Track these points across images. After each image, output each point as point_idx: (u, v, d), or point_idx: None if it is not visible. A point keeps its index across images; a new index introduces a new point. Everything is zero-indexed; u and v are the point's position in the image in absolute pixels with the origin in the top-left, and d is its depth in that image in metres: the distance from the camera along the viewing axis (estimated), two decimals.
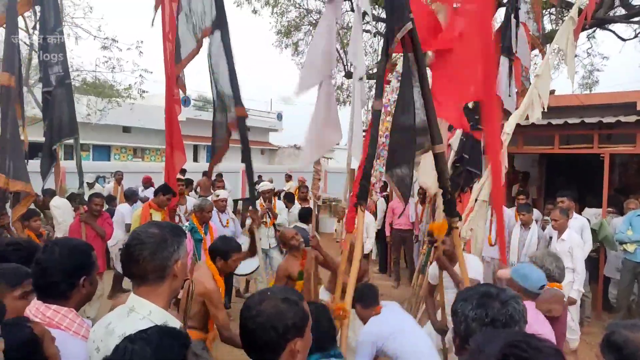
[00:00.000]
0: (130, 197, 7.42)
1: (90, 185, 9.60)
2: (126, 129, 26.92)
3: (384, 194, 9.13)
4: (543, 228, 6.30)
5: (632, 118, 6.64)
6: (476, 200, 6.12)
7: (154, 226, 1.64)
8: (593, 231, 6.01)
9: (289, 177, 13.84)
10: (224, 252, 3.36)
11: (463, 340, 1.38)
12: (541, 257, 3.10)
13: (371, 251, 9.16)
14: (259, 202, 6.56)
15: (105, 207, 6.67)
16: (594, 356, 3.39)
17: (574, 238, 5.09)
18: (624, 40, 12.88)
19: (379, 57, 3.64)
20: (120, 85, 15.88)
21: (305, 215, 6.30)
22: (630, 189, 8.42)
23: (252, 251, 4.04)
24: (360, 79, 3.99)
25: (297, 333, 1.33)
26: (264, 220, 6.45)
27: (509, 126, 6.45)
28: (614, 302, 6.23)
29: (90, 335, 1.64)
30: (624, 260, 5.83)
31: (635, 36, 12.82)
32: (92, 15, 32.95)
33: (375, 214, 8.82)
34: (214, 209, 5.85)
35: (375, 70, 14.06)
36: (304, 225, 6.14)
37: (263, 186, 6.82)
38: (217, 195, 6.32)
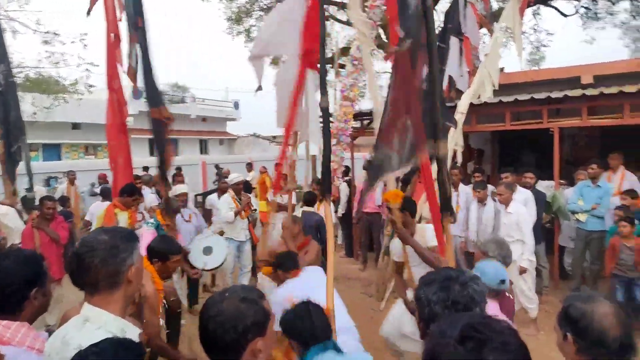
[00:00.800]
0: (107, 195, 7.12)
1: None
2: (75, 126, 25.80)
3: (346, 178, 9.19)
4: None
5: (578, 92, 6.91)
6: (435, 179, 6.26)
7: (103, 232, 1.60)
8: (547, 203, 6.27)
9: (250, 167, 13.69)
10: (163, 253, 3.21)
11: (427, 324, 1.40)
12: (484, 244, 3.20)
13: (337, 236, 9.24)
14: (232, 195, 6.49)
15: (59, 208, 6.39)
16: (553, 325, 3.54)
17: (520, 210, 5.31)
18: (565, 16, 13.38)
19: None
20: (66, 80, 15.17)
21: (310, 200, 6.26)
22: (580, 160, 8.83)
23: None
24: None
25: (257, 332, 1.33)
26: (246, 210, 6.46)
27: (463, 106, 6.60)
28: (569, 269, 6.55)
29: (45, 348, 1.58)
30: (577, 230, 6.12)
31: (576, 12, 13.34)
32: (30, 7, 31.06)
33: (338, 200, 8.88)
34: None
35: (331, 54, 14.00)
36: (311, 209, 6.15)
37: (234, 179, 6.71)
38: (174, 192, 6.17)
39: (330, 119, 9.14)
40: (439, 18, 10.75)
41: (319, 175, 9.14)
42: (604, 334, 1.36)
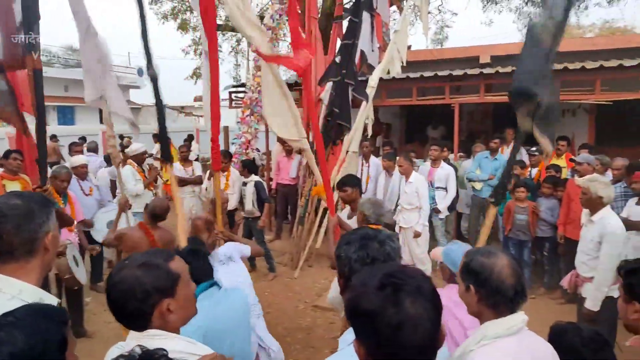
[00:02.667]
0: None
1: None
2: None
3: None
4: None
5: (476, 71, 7.45)
6: (347, 152, 6.47)
7: (15, 197, 1.46)
8: None
9: (156, 138, 12.99)
10: None
11: (347, 281, 1.49)
12: (361, 204, 3.41)
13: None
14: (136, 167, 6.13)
15: None
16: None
17: (419, 179, 5.71)
18: None
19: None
20: None
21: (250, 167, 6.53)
22: (475, 134, 9.58)
23: None
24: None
25: (162, 295, 1.35)
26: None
27: (373, 80, 6.81)
28: (465, 234, 7.17)
29: None
30: (473, 197, 6.71)
31: None
32: None
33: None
34: (74, 176, 5.29)
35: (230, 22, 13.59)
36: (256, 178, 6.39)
37: (136, 149, 6.30)
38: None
39: (244, 89, 9.00)
40: None
41: (231, 147, 8.98)
42: (502, 283, 1.52)
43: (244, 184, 6.35)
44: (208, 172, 6.38)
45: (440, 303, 1.00)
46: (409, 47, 10.21)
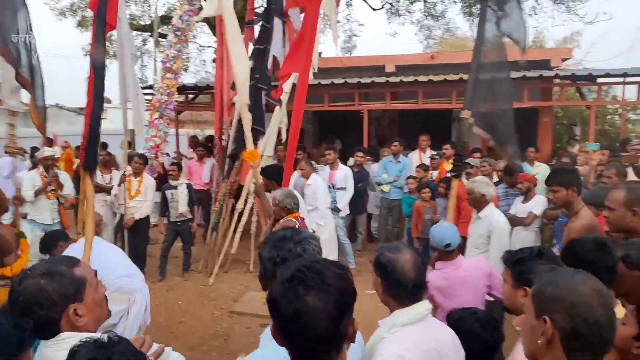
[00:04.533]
0: None
1: None
2: None
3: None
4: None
5: (383, 79, 7.87)
6: (262, 156, 6.49)
7: None
8: None
9: (50, 142, 11.99)
10: None
11: (263, 279, 1.57)
12: (277, 198, 3.79)
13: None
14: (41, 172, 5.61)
15: None
16: (362, 280, 4.11)
17: (317, 182, 5.98)
18: (374, 9, 14.90)
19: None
20: None
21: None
22: (383, 139, 10.08)
23: None
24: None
25: (69, 301, 1.37)
26: (51, 189, 5.58)
27: (287, 86, 6.92)
28: (375, 233, 7.52)
29: None
30: (381, 199, 7.07)
31: (382, 7, 14.95)
32: None
33: (161, 176, 8.47)
34: None
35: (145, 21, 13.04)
36: None
37: (43, 152, 5.74)
38: None
39: (152, 91, 8.65)
40: None
41: (140, 151, 8.57)
42: (403, 276, 1.69)
43: (174, 187, 6.14)
44: (119, 177, 6.04)
45: (347, 300, 1.07)
46: (320, 54, 10.49)
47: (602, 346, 1.16)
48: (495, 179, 6.03)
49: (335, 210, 6.36)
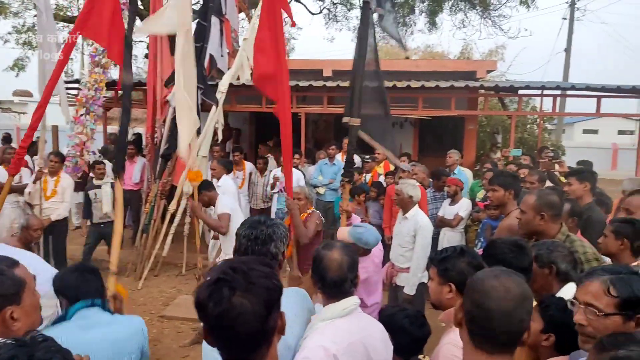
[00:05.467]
0: None
1: None
2: None
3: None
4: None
5: (320, 83, 7.97)
6: (197, 156, 6.34)
7: None
8: None
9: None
10: None
11: (236, 253, 1.88)
12: (304, 189, 4.16)
13: None
14: None
15: None
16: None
17: (228, 183, 6.01)
18: (312, 14, 15.07)
19: None
20: None
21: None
22: (320, 142, 10.20)
23: None
24: None
25: (6, 302, 1.35)
26: None
27: (223, 86, 6.82)
28: None
29: None
30: (317, 201, 7.14)
31: (321, 12, 15.17)
32: None
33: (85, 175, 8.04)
34: None
35: (73, 13, 12.32)
36: None
37: None
38: None
39: (78, 85, 8.18)
40: None
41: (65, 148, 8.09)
42: (325, 272, 1.79)
43: (97, 186, 5.82)
44: (34, 175, 5.64)
45: (273, 298, 1.10)
46: None
47: (494, 334, 1.27)
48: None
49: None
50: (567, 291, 1.98)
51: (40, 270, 2.53)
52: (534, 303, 1.95)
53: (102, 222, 5.80)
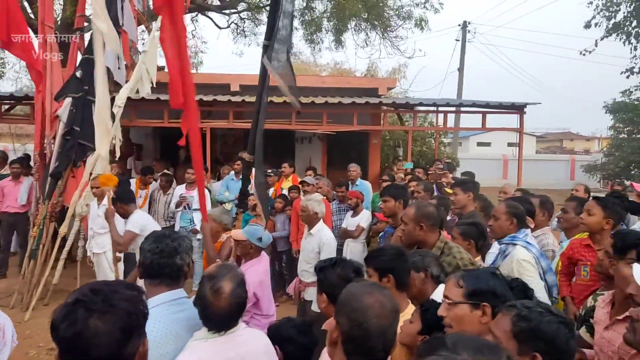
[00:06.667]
0: None
1: None
2: None
3: None
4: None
5: (225, 98, 7.93)
6: (91, 174, 5.97)
7: None
8: None
9: None
10: None
11: (141, 268, 1.90)
12: (217, 213, 3.85)
13: None
14: None
15: None
16: None
17: None
18: (220, 28, 14.95)
19: None
20: None
21: None
22: (229, 157, 10.09)
23: None
24: None
25: None
26: None
27: (120, 99, 6.51)
28: None
29: None
30: None
31: (229, 26, 15.09)
32: None
33: None
34: None
35: None
36: None
37: None
38: None
39: None
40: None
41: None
42: (208, 307, 1.73)
43: None
44: None
45: (134, 322, 1.09)
46: (162, 69, 10.11)
47: (371, 351, 1.32)
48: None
49: (193, 232, 6.28)
50: (438, 293, 2.17)
51: None
52: (412, 308, 2.12)
53: None
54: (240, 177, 7.04)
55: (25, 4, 9.49)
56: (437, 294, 2.20)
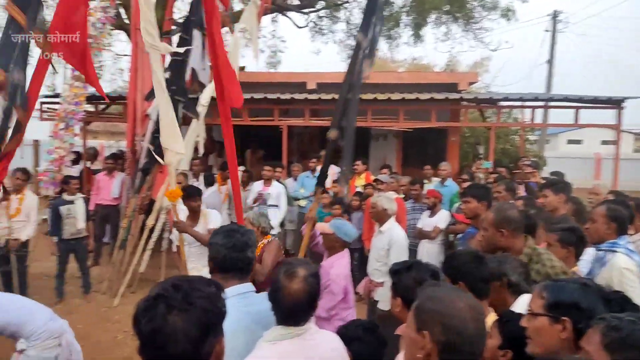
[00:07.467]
0: None
1: None
2: None
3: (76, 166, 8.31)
4: None
5: (302, 96, 7.99)
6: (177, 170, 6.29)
7: None
8: None
9: None
10: None
11: (213, 262, 1.93)
12: (256, 217, 3.73)
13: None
14: None
15: None
16: None
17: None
18: (299, 27, 15.17)
19: None
20: None
21: None
22: (306, 155, 10.19)
23: None
24: None
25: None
26: None
27: (204, 99, 6.82)
28: (290, 248, 7.53)
29: None
30: (298, 213, 7.12)
31: (307, 25, 15.27)
32: None
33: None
34: None
35: None
36: None
37: None
38: None
39: (58, 100, 8.12)
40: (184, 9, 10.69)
41: (42, 164, 8.01)
42: (280, 302, 1.69)
43: (70, 202, 5.65)
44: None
45: (211, 321, 1.07)
46: (243, 69, 10.45)
47: (473, 358, 1.23)
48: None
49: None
50: (521, 303, 1.98)
51: (34, 309, 2.22)
52: (494, 318, 1.95)
53: (73, 239, 5.64)
54: (316, 174, 7.12)
55: (121, 10, 10.22)
56: (519, 305, 2.02)
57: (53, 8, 8.93)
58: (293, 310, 1.67)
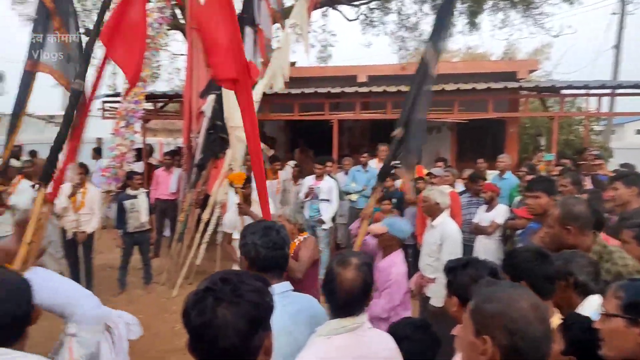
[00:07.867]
0: None
1: None
2: None
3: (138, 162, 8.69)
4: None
5: (353, 89, 7.91)
6: (230, 165, 6.43)
7: None
8: None
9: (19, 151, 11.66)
10: None
11: (251, 262, 1.85)
12: (292, 214, 3.64)
13: None
14: None
15: None
16: None
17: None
18: (349, 20, 15.03)
19: None
20: None
21: None
22: (357, 149, 10.11)
23: None
24: None
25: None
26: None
27: (257, 94, 6.90)
28: (340, 242, 7.50)
29: None
30: (350, 208, 7.07)
31: (357, 18, 15.10)
32: None
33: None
34: None
35: None
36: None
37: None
38: None
39: (118, 98, 8.52)
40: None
41: (105, 160, 8.42)
42: (335, 292, 1.69)
43: (133, 196, 5.93)
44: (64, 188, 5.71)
45: (260, 315, 1.06)
46: (294, 64, 10.50)
47: None
48: (461, 187, 6.10)
49: (319, 222, 6.39)
50: (589, 304, 1.84)
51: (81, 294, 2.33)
52: (559, 320, 1.82)
53: (137, 232, 5.93)
54: (367, 168, 7.04)
55: (177, 10, 10.54)
56: (587, 306, 1.88)
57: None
58: (347, 299, 1.66)
